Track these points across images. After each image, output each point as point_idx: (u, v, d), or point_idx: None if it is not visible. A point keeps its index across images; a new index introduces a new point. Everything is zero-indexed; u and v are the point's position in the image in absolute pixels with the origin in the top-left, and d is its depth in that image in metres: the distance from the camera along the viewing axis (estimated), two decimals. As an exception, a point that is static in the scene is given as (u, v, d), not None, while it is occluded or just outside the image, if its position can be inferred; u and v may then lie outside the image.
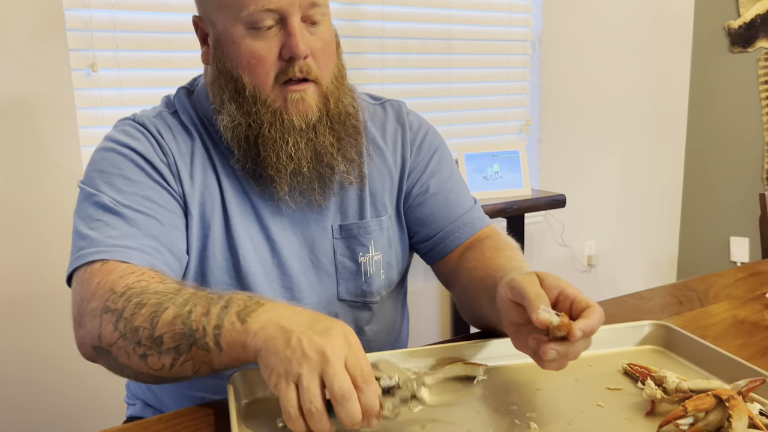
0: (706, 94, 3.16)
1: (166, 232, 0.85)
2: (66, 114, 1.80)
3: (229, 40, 0.86)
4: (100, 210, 0.84)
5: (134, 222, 0.83)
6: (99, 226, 0.82)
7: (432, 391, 0.68)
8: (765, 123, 2.95)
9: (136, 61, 1.89)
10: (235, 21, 0.84)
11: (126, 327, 0.72)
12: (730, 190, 3.11)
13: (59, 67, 1.77)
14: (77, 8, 1.79)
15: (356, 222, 0.98)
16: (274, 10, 0.83)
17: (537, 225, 2.82)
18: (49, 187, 1.80)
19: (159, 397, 0.99)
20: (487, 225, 1.04)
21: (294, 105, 0.87)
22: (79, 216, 0.86)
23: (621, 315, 1.06)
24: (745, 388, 0.70)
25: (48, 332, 1.84)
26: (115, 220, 0.83)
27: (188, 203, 0.90)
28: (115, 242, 0.81)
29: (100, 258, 0.79)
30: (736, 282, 1.23)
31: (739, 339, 0.95)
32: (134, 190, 0.86)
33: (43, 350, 1.84)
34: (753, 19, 2.92)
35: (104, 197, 0.84)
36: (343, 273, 0.98)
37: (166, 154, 0.90)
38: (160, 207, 0.86)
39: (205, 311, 0.69)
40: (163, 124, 0.93)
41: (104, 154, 0.90)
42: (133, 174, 0.87)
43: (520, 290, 0.71)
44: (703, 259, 3.27)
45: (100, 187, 0.86)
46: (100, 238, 0.81)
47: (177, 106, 0.96)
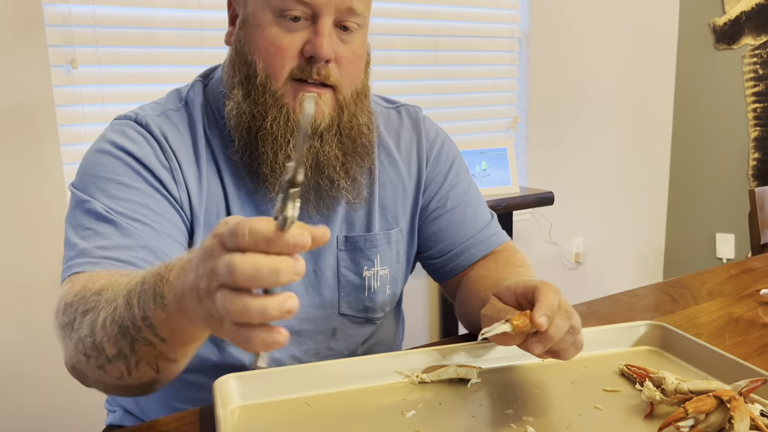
0: (691, 90, 3.17)
1: (160, 242, 0.80)
2: (45, 111, 1.75)
3: (255, 23, 0.82)
4: (91, 218, 0.78)
5: (128, 231, 0.78)
6: (89, 235, 0.77)
7: (430, 396, 0.66)
8: (750, 120, 2.96)
9: (116, 58, 1.85)
10: (266, 5, 0.80)
11: (77, 340, 0.65)
12: (716, 187, 3.12)
13: (38, 63, 1.72)
14: (56, 3, 1.74)
15: (363, 234, 0.93)
16: (307, 3, 0.79)
17: (525, 222, 2.81)
18: (27, 186, 1.75)
19: (141, 405, 0.96)
20: (504, 242, 1.00)
21: (303, 105, 0.81)
22: (71, 224, 0.80)
23: (614, 314, 1.04)
24: (745, 388, 0.68)
25: (27, 334, 1.79)
26: (107, 228, 0.77)
27: (195, 209, 0.85)
28: (105, 253, 0.75)
29: (87, 270, 0.74)
30: (728, 279, 1.22)
31: (735, 337, 0.94)
32: (129, 196, 0.80)
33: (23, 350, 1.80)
34: (738, 16, 2.93)
35: (97, 204, 0.79)
36: (346, 287, 0.93)
37: (170, 159, 0.84)
38: (156, 215, 0.81)
39: (127, 303, 0.60)
40: (169, 124, 0.87)
41: (99, 157, 0.83)
42: (128, 179, 0.81)
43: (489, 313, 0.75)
44: (690, 255, 3.28)
45: (92, 193, 0.80)
46: (89, 248, 0.76)
47: (189, 99, 0.90)
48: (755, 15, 2.88)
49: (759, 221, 1.74)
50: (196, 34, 1.94)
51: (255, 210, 0.88)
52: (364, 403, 0.74)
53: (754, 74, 2.92)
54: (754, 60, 2.91)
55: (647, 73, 3.11)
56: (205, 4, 1.94)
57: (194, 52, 1.95)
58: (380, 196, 0.95)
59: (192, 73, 0.96)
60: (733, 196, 3.03)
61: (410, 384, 0.78)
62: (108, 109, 1.85)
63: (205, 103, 0.90)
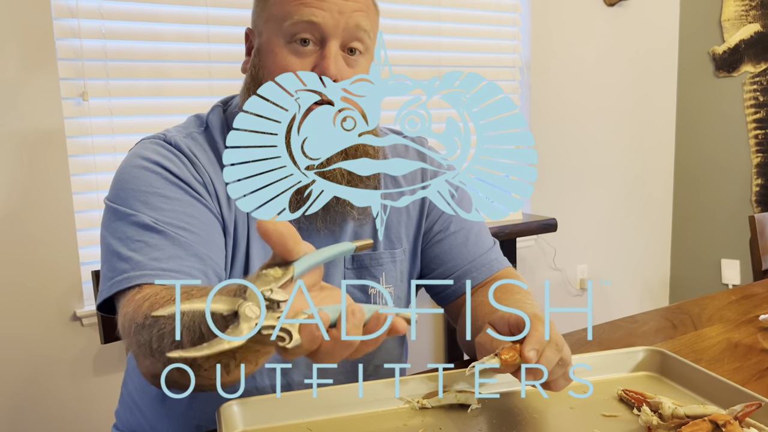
0: (693, 118, 3.20)
1: (209, 250, 0.82)
2: (56, 142, 1.79)
3: (269, 49, 0.88)
4: (140, 229, 0.80)
5: (178, 241, 0.79)
6: (141, 247, 0.78)
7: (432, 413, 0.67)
8: (752, 146, 2.98)
9: (126, 90, 1.90)
10: (278, 32, 0.87)
11: (167, 360, 0.66)
12: (720, 213, 3.13)
13: (50, 96, 1.77)
14: (68, 38, 1.79)
15: (368, 253, 0.96)
16: (316, 24, 0.84)
17: (529, 249, 2.82)
18: (38, 215, 1.78)
19: (153, 425, 0.97)
20: (504, 267, 1.03)
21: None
22: (115, 236, 0.81)
23: (614, 339, 1.05)
24: (741, 412, 0.69)
25: (34, 354, 1.81)
26: (158, 239, 0.79)
27: (226, 223, 0.88)
28: (161, 265, 0.77)
29: (147, 282, 0.75)
30: (729, 305, 1.23)
31: (733, 363, 0.95)
32: (173, 207, 0.82)
33: (29, 372, 1.81)
34: (737, 44, 2.97)
35: (143, 216, 0.80)
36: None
37: (203, 174, 0.88)
38: (200, 222, 0.83)
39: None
40: (196, 145, 0.90)
41: (135, 172, 0.85)
42: (168, 191, 0.84)
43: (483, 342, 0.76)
44: (695, 281, 3.27)
45: (135, 206, 0.82)
46: (144, 261, 0.77)
47: (211, 123, 0.94)
48: (754, 43, 2.92)
49: (760, 247, 1.75)
50: (204, 66, 1.99)
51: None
52: (365, 429, 0.75)
53: (755, 101, 2.95)
54: (755, 87, 2.94)
55: (648, 101, 3.15)
56: (213, 38, 1.99)
57: (202, 84, 2.00)
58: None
59: (200, 104, 1.00)
60: (737, 223, 3.03)
61: (411, 409, 0.79)
62: (117, 140, 1.89)
63: (225, 126, 0.94)
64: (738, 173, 3.04)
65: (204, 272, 0.80)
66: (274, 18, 0.87)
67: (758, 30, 2.89)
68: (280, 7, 0.87)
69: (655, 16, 3.10)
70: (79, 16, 1.79)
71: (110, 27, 1.84)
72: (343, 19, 0.85)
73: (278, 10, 0.87)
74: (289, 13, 0.85)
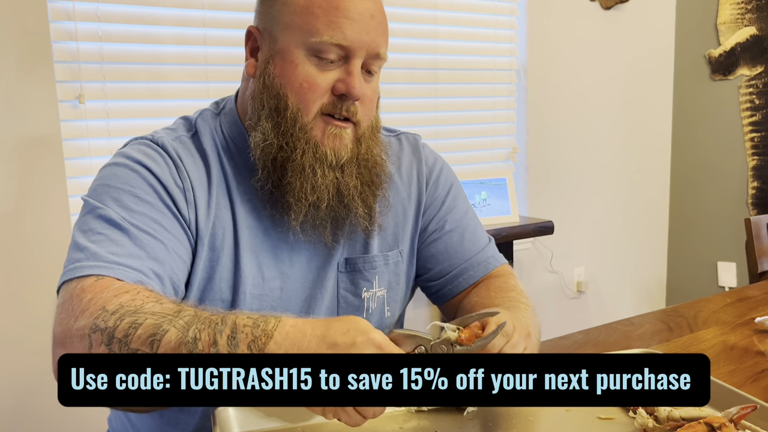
0: (689, 120, 3.21)
1: (170, 260, 0.81)
2: (52, 145, 1.79)
3: (288, 59, 0.85)
4: (104, 223, 0.79)
5: (140, 242, 0.78)
6: (101, 239, 0.77)
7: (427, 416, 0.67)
8: (748, 149, 2.99)
9: (123, 92, 1.89)
10: (301, 44, 0.85)
11: (121, 349, 0.66)
12: (716, 216, 3.14)
13: (46, 98, 1.77)
14: (65, 41, 1.79)
15: (361, 256, 0.96)
16: (344, 47, 0.84)
17: (526, 252, 2.82)
18: (33, 218, 1.78)
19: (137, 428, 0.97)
20: (500, 264, 1.03)
21: (330, 139, 0.86)
22: (80, 228, 0.80)
23: (611, 342, 1.05)
24: (736, 415, 0.69)
25: (29, 360, 1.80)
26: (120, 236, 0.78)
27: (201, 232, 0.87)
28: (117, 260, 0.75)
29: (96, 273, 0.74)
30: (724, 307, 1.23)
31: (729, 365, 0.95)
32: (142, 209, 0.81)
33: (22, 378, 1.80)
34: (733, 48, 2.98)
35: (110, 211, 0.79)
36: (345, 308, 0.95)
37: (184, 179, 0.87)
38: (166, 231, 0.82)
39: (211, 341, 0.64)
40: (183, 149, 0.90)
41: (115, 170, 0.85)
42: (143, 193, 0.83)
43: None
44: (692, 284, 3.28)
45: (106, 201, 0.81)
46: (100, 252, 0.76)
47: (200, 128, 0.93)
48: (750, 46, 2.93)
49: (756, 250, 1.75)
50: (200, 69, 1.99)
51: (263, 235, 0.90)
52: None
53: (751, 104, 2.96)
54: (750, 90, 2.95)
55: (645, 104, 3.15)
56: (210, 41, 2.00)
57: (199, 87, 2.00)
58: (380, 219, 0.98)
59: (197, 107, 0.99)
60: (734, 225, 3.04)
61: (407, 412, 0.79)
62: (114, 143, 1.89)
63: (216, 132, 0.92)
64: (734, 176, 3.05)
65: (160, 277, 0.79)
66: (298, 28, 0.84)
67: (754, 33, 2.91)
68: (305, 19, 0.84)
69: (651, 19, 3.11)
70: (75, 19, 1.79)
71: (107, 30, 1.84)
72: (367, 40, 0.85)
73: (302, 21, 0.84)
74: (317, 30, 0.83)
